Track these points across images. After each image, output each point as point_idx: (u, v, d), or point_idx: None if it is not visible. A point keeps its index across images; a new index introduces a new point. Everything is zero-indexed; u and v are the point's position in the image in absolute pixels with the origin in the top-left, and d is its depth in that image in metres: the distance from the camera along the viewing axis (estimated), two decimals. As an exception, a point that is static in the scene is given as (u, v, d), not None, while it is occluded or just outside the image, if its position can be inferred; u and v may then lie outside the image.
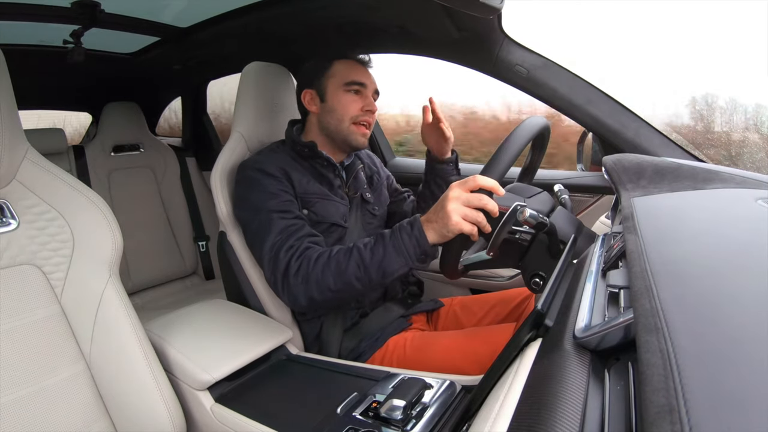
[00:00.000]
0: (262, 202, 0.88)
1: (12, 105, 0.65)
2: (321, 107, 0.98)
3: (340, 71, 0.97)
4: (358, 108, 0.97)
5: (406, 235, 0.76)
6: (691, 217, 0.53)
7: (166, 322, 0.86)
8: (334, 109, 0.97)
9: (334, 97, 0.97)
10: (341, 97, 0.96)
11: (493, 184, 0.69)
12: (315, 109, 0.99)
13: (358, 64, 1.00)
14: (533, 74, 1.05)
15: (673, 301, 0.31)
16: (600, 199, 1.21)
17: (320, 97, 0.99)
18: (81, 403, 0.69)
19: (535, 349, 0.44)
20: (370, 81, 0.99)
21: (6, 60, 0.65)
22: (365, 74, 0.99)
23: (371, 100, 0.99)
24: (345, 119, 0.96)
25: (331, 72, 0.98)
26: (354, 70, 0.98)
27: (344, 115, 0.96)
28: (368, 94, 0.98)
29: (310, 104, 1.00)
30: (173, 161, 1.98)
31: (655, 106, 1.70)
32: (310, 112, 1.00)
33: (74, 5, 1.08)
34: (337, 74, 0.97)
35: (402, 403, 0.61)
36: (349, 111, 0.96)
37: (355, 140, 0.98)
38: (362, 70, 0.99)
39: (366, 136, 0.99)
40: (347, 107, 0.96)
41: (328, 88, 0.97)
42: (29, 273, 0.67)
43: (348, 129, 0.97)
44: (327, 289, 0.79)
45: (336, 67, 0.98)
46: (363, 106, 0.97)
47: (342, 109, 0.96)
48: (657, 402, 0.23)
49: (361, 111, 0.97)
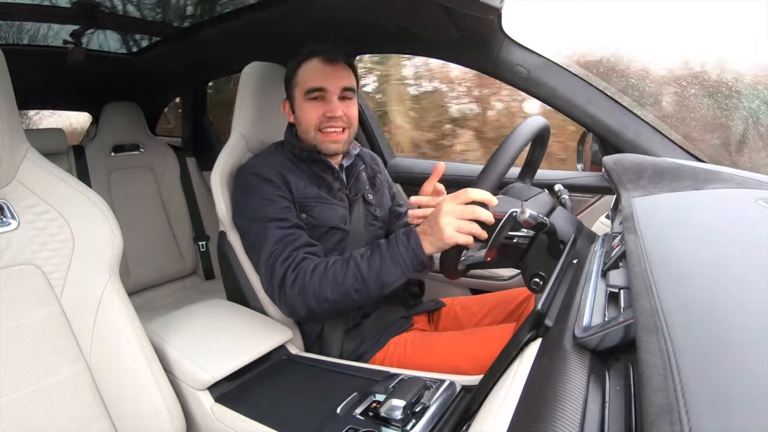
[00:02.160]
0: (259, 209, 0.88)
1: (12, 105, 0.65)
2: (294, 118, 0.98)
3: (303, 78, 0.93)
4: (318, 115, 0.92)
5: (402, 247, 0.76)
6: (691, 218, 0.53)
7: (166, 322, 0.86)
8: (299, 121, 0.95)
9: (299, 108, 0.95)
10: (303, 107, 0.94)
11: (485, 196, 0.69)
12: (292, 119, 0.99)
13: (322, 63, 0.92)
14: (533, 74, 1.05)
15: (673, 301, 0.31)
16: (600, 199, 1.20)
17: (291, 108, 0.97)
18: (81, 402, 0.68)
19: (535, 349, 0.44)
20: (332, 81, 0.92)
21: (6, 60, 0.65)
22: (327, 75, 0.92)
23: (334, 105, 0.92)
24: (309, 129, 0.94)
25: (296, 80, 0.94)
26: (315, 75, 0.92)
27: (308, 126, 0.94)
28: (331, 98, 0.92)
29: (288, 115, 0.99)
30: (173, 161, 1.98)
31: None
32: (291, 121, 1.00)
33: (74, 5, 1.09)
34: (300, 82, 0.94)
35: (402, 403, 0.61)
36: (311, 120, 0.93)
37: (325, 148, 0.95)
38: (324, 70, 0.92)
39: (337, 141, 0.94)
40: (308, 117, 0.93)
41: (295, 98, 0.95)
42: (29, 273, 0.67)
43: (315, 138, 0.94)
44: (325, 300, 0.79)
45: (300, 73, 0.94)
46: (324, 112, 0.92)
47: (305, 121, 0.94)
48: (657, 402, 0.23)
49: (324, 117, 0.92)
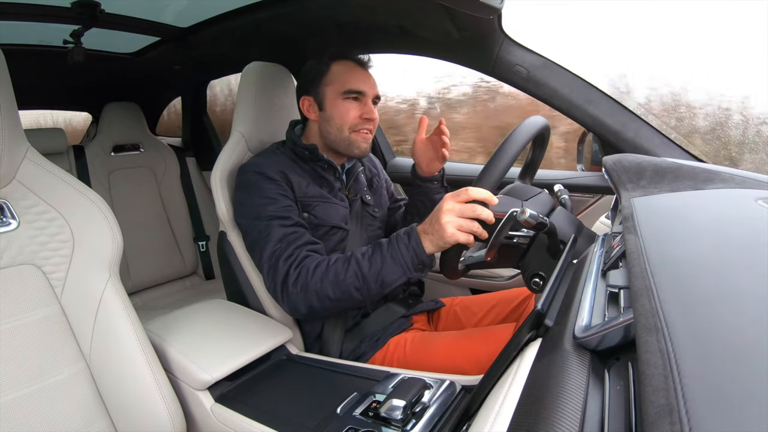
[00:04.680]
0: (262, 207, 0.88)
1: (12, 105, 0.65)
2: (320, 115, 0.97)
3: (338, 78, 0.94)
4: (356, 116, 0.94)
5: (403, 246, 0.76)
6: (691, 217, 0.53)
7: (166, 322, 0.86)
8: (332, 118, 0.95)
9: (333, 105, 0.94)
10: (339, 105, 0.94)
11: (486, 195, 0.69)
12: (314, 116, 0.98)
13: (357, 66, 0.96)
14: (533, 74, 1.05)
15: (673, 301, 0.31)
16: (600, 199, 1.21)
17: (318, 104, 0.97)
18: (81, 402, 0.69)
19: (535, 349, 0.44)
20: (370, 86, 0.95)
21: (6, 60, 0.65)
22: (365, 80, 0.95)
23: (370, 107, 0.95)
24: (344, 128, 0.94)
25: (328, 78, 0.95)
26: (352, 76, 0.94)
27: (342, 125, 0.94)
28: (367, 101, 0.95)
29: (308, 112, 0.98)
30: (173, 161, 1.98)
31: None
32: (310, 119, 0.99)
33: (74, 5, 1.08)
34: (335, 81, 0.94)
35: (402, 403, 0.61)
36: (347, 120, 0.94)
37: (357, 148, 0.96)
38: (361, 74, 0.96)
39: (368, 141, 0.97)
40: (345, 116, 0.94)
41: (326, 96, 0.95)
42: (29, 273, 0.67)
43: (348, 138, 0.95)
44: (326, 298, 0.80)
45: (333, 71, 0.95)
46: (362, 114, 0.94)
47: (340, 119, 0.94)
48: (657, 402, 0.23)
49: (360, 119, 0.94)
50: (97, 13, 1.12)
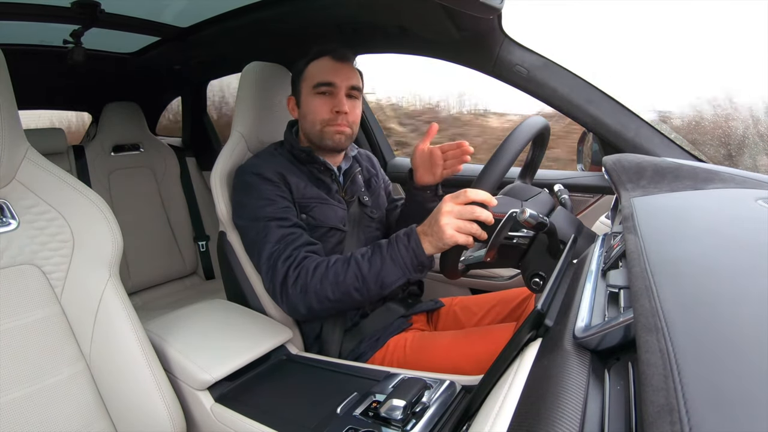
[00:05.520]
0: (260, 208, 0.88)
1: (12, 105, 0.65)
2: (299, 113, 0.98)
3: (312, 73, 0.94)
4: (327, 110, 0.93)
5: (403, 247, 0.77)
6: (691, 217, 0.53)
7: (166, 322, 0.86)
8: (306, 114, 0.96)
9: (305, 102, 0.95)
10: (310, 101, 0.94)
11: (485, 197, 0.69)
12: (296, 115, 1.00)
13: (332, 60, 0.94)
14: (533, 74, 1.05)
15: (673, 301, 0.31)
16: (600, 199, 1.20)
17: (297, 102, 0.98)
18: (81, 403, 0.68)
19: (535, 349, 0.44)
20: (341, 78, 0.93)
21: (6, 60, 0.65)
22: (335, 71, 0.93)
23: (341, 99, 0.93)
24: (316, 123, 0.94)
25: (304, 75, 0.96)
26: (324, 69, 0.93)
27: (314, 120, 0.94)
28: (338, 93, 0.93)
29: (292, 111, 1.01)
30: (173, 161, 1.98)
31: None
32: (296, 118, 1.01)
33: (74, 5, 1.08)
34: (309, 77, 0.95)
35: (402, 403, 0.61)
36: (318, 115, 0.94)
37: (330, 140, 0.95)
38: (334, 67, 0.94)
39: (342, 133, 0.95)
40: (316, 111, 0.94)
41: (302, 93, 0.96)
42: (29, 273, 0.67)
43: (321, 132, 0.95)
44: (326, 299, 0.80)
45: (309, 69, 0.95)
46: (332, 107, 0.93)
47: (312, 114, 0.94)
48: (657, 402, 0.23)
49: (331, 113, 0.93)
50: (97, 13, 1.12)
